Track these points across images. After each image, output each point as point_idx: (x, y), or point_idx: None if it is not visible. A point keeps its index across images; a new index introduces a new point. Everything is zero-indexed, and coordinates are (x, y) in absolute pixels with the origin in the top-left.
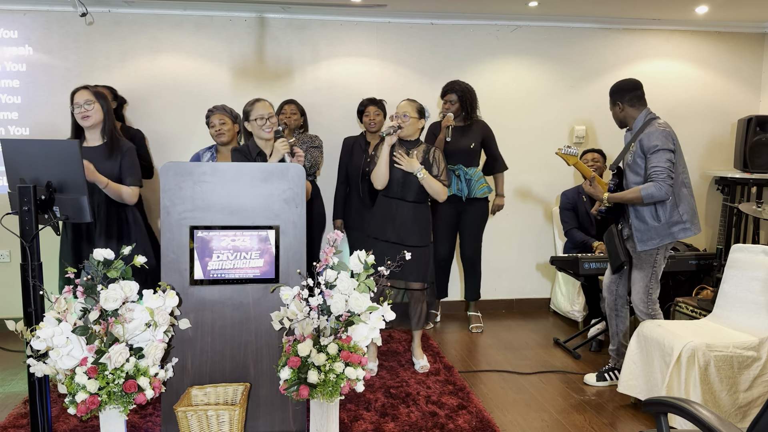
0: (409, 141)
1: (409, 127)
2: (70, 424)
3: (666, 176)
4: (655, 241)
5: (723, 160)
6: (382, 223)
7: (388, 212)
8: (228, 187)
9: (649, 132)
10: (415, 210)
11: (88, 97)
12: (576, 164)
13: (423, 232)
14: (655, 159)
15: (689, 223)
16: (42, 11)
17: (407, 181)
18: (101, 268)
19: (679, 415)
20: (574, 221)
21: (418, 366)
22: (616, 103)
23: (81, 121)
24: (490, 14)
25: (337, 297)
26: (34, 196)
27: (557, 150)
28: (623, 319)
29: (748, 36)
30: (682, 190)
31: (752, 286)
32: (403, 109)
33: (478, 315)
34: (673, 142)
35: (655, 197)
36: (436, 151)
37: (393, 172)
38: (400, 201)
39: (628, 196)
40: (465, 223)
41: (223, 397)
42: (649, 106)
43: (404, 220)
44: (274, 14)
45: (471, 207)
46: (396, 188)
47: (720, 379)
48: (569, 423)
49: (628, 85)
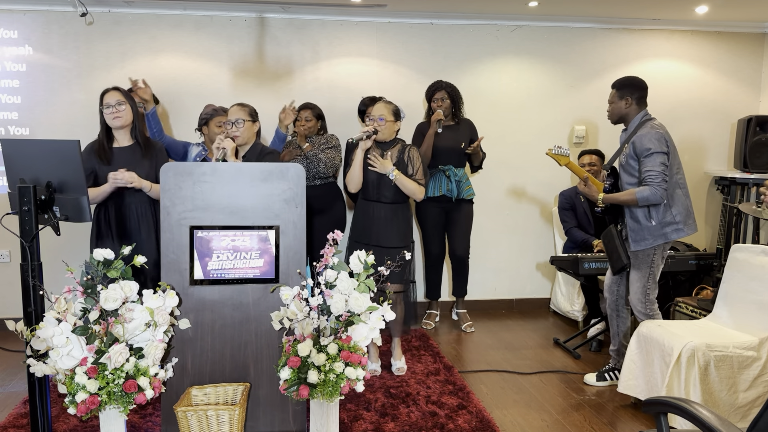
0: (384, 142)
1: (384, 130)
2: (70, 424)
3: (660, 180)
4: (648, 241)
5: (723, 160)
6: (361, 225)
7: (367, 215)
8: (228, 187)
9: (642, 134)
10: (393, 211)
11: (119, 98)
12: (568, 164)
13: (401, 232)
14: (649, 163)
15: (682, 224)
16: (42, 11)
17: (382, 182)
18: (101, 268)
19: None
20: (573, 220)
21: (395, 368)
22: (624, 97)
23: (112, 122)
24: (490, 14)
25: (337, 297)
26: (34, 196)
27: (547, 150)
28: (624, 319)
29: (748, 36)
30: (676, 191)
31: (752, 286)
32: (379, 112)
33: (465, 312)
34: (666, 143)
35: (650, 201)
36: (412, 149)
37: (368, 174)
38: (376, 203)
39: (622, 198)
40: (453, 222)
41: (223, 397)
42: (648, 107)
43: (381, 222)
44: (274, 14)
45: (459, 206)
46: (372, 190)
47: (720, 379)
48: (569, 423)
49: (640, 82)
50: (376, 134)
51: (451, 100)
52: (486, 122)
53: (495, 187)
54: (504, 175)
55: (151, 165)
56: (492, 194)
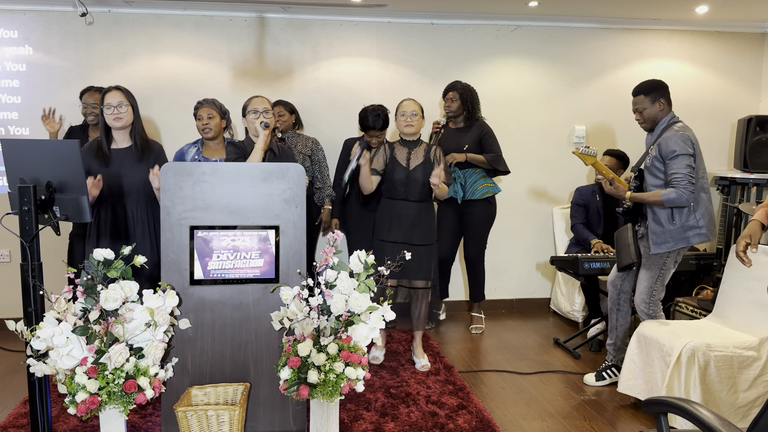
0: (410, 141)
1: (417, 126)
2: (70, 424)
3: (687, 183)
4: (669, 244)
5: (723, 160)
6: (387, 224)
7: (393, 213)
8: (228, 187)
9: (668, 137)
10: (420, 209)
11: (121, 98)
12: (594, 164)
13: (428, 230)
14: (675, 165)
15: (705, 228)
16: (42, 11)
17: (410, 181)
18: (101, 268)
19: (679, 415)
20: (582, 217)
21: (419, 365)
22: (656, 100)
23: (113, 123)
24: (490, 14)
25: (337, 297)
26: (34, 196)
27: (574, 150)
28: (624, 314)
29: (748, 36)
30: (701, 195)
31: (752, 286)
32: (411, 108)
33: (481, 316)
34: (692, 146)
35: (676, 203)
36: (438, 149)
37: (395, 173)
38: (404, 201)
39: (650, 199)
40: (467, 225)
41: (223, 397)
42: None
43: (410, 220)
44: (274, 14)
45: (472, 208)
46: (400, 189)
47: (720, 379)
48: (569, 423)
49: (664, 84)
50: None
51: (462, 102)
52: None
53: None
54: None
55: (147, 167)
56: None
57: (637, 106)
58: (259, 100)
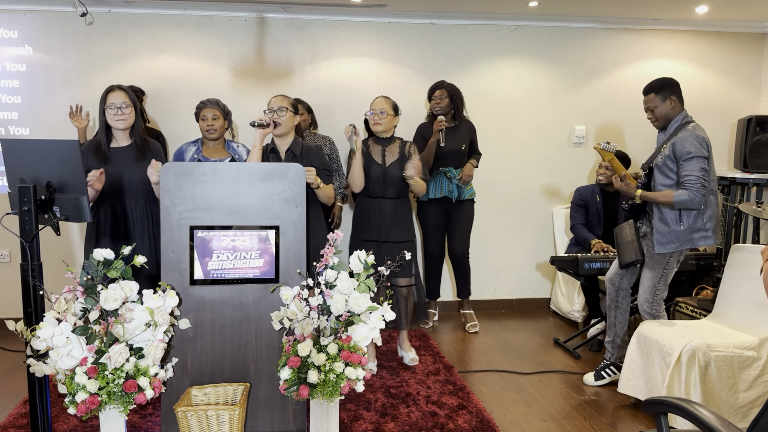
0: (384, 138)
1: (385, 124)
2: (70, 424)
3: (700, 186)
4: (674, 245)
5: (723, 160)
6: (364, 222)
7: (372, 211)
8: (228, 187)
9: (683, 137)
10: (397, 206)
11: (125, 99)
12: (611, 160)
13: (405, 227)
14: (689, 167)
15: (711, 231)
16: (42, 11)
17: (387, 178)
18: (101, 267)
19: (679, 415)
20: (582, 218)
21: (408, 359)
22: (667, 98)
23: (115, 124)
24: (490, 14)
25: (337, 297)
26: (34, 196)
27: (596, 145)
28: (623, 311)
29: (748, 36)
30: (710, 198)
31: (752, 286)
32: (379, 106)
33: (471, 312)
34: (707, 148)
35: (687, 205)
36: (411, 146)
37: (371, 170)
38: (381, 199)
39: (660, 199)
40: (454, 223)
41: (223, 397)
42: None
43: (385, 217)
44: (274, 14)
45: (459, 206)
46: (377, 187)
47: (720, 379)
48: (569, 423)
49: (675, 81)
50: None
51: (450, 100)
52: (486, 122)
53: (495, 187)
54: (504, 175)
55: (146, 165)
56: (492, 194)
57: (649, 105)
58: (275, 99)
